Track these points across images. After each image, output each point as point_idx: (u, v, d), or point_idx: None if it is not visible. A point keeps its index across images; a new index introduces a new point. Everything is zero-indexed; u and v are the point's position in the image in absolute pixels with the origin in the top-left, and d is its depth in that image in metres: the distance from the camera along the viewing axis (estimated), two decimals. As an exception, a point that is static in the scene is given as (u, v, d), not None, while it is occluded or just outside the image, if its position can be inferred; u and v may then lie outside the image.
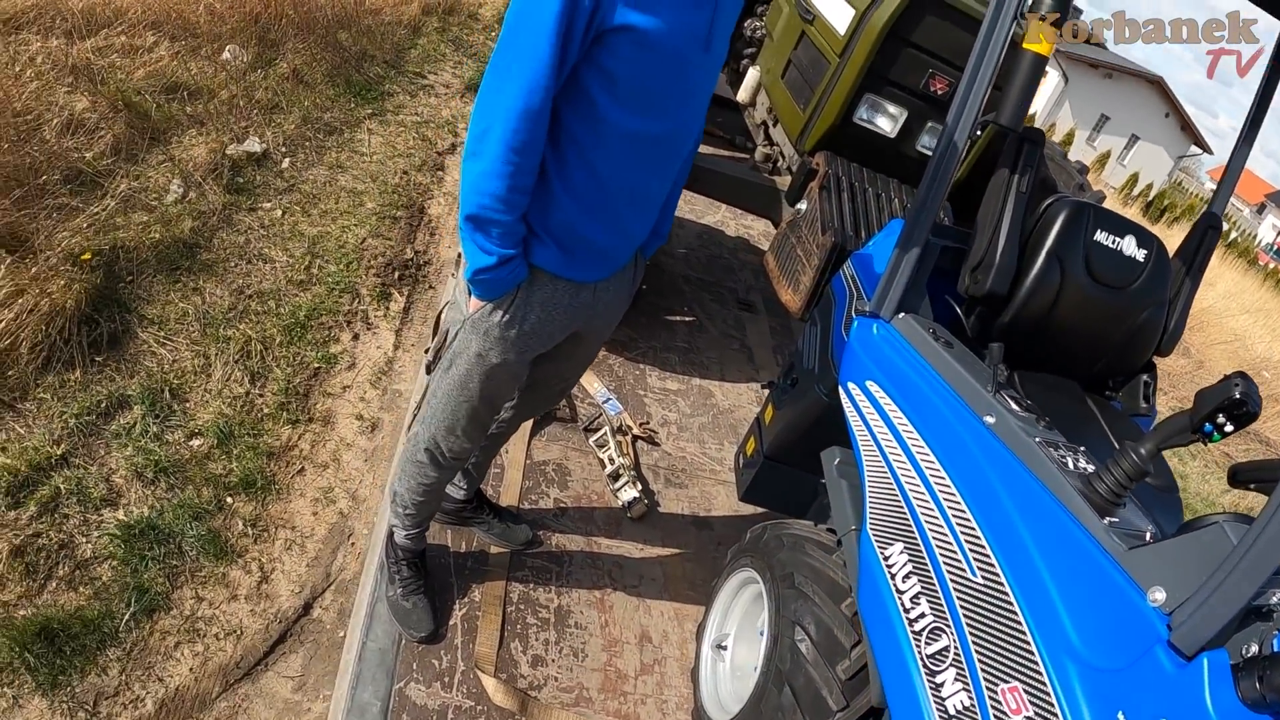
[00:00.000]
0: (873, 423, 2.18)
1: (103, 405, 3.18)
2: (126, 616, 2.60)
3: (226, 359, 3.60)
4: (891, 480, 2.06)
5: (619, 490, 3.20)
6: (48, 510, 2.80)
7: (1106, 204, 3.64)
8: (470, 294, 1.99)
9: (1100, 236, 2.41)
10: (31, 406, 3.09)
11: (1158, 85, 37.31)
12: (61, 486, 2.86)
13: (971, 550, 1.78)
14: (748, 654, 2.58)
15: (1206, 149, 40.84)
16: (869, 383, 2.24)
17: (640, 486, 3.23)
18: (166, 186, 4.26)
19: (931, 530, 1.89)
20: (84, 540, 2.77)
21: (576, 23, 1.62)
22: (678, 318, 4.60)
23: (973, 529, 1.80)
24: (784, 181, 3.91)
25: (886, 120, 3.50)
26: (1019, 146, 2.43)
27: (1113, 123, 37.32)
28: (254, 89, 5.09)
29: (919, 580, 1.89)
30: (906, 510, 1.98)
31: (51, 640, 2.47)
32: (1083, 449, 1.90)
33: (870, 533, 2.07)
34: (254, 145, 4.62)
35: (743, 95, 4.44)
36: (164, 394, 3.32)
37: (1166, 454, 2.53)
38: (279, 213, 4.48)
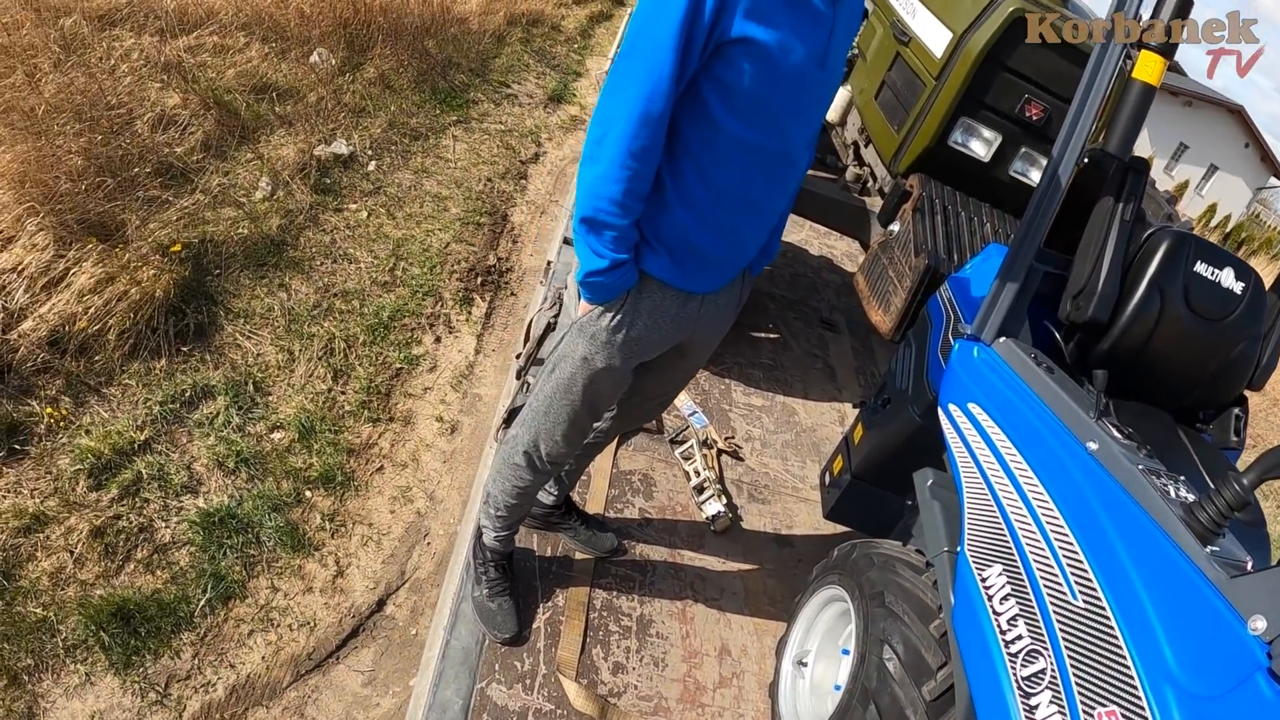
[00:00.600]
0: (974, 444, 2.29)
1: (187, 394, 3.35)
2: (202, 602, 2.75)
3: (310, 355, 3.78)
4: (992, 501, 2.17)
5: (704, 503, 3.34)
6: (129, 494, 2.95)
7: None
8: (580, 297, 2.08)
9: (1200, 268, 2.50)
10: (116, 392, 3.27)
11: (1238, 115, 36.61)
12: (143, 471, 3.02)
13: (1073, 573, 1.89)
14: (828, 672, 2.69)
15: (1287, 181, 39.90)
16: (970, 404, 2.36)
17: (725, 500, 3.37)
18: (255, 184, 4.49)
19: (1032, 552, 2.00)
20: (163, 525, 2.92)
21: (697, 34, 1.73)
22: (763, 334, 4.75)
23: (1075, 552, 1.90)
24: (874, 202, 4.04)
25: (980, 144, 3.62)
26: (1124, 175, 2.53)
27: (1191, 152, 36.63)
28: (342, 92, 5.36)
29: (1017, 602, 2.00)
30: (1006, 532, 2.09)
31: (127, 621, 2.61)
32: (1183, 478, 2.00)
33: (968, 553, 2.18)
34: (341, 147, 4.86)
35: (832, 115, 4.58)
36: (247, 386, 3.50)
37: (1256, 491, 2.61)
38: (364, 214, 4.70)
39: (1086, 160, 2.57)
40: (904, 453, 2.83)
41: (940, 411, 2.50)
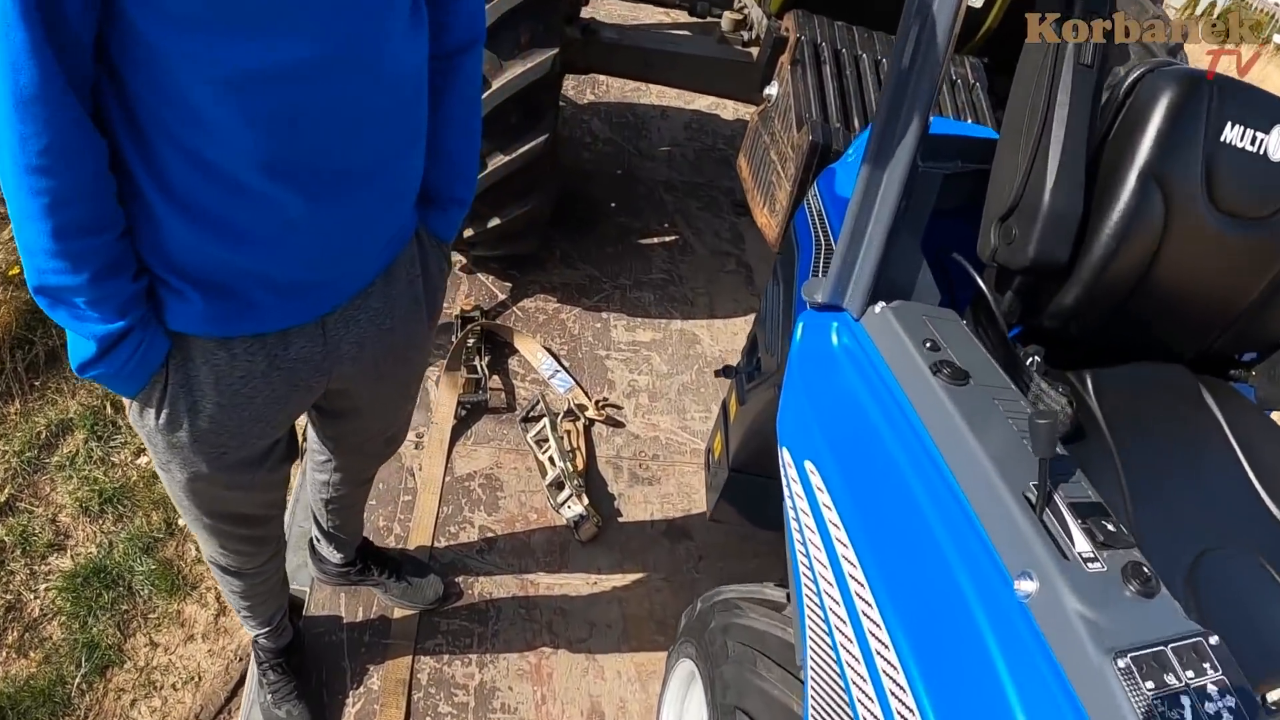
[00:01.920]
0: (815, 557, 1.07)
1: (43, 436, 2.53)
2: (78, 679, 2.09)
3: (170, 352, 2.78)
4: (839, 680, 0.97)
5: (562, 506, 2.13)
6: (-6, 570, 2.19)
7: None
8: None
9: (1232, 134, 1.14)
10: (-22, 453, 2.45)
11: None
12: (6, 539, 2.29)
13: None
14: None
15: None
16: (807, 463, 1.12)
17: (587, 499, 2.14)
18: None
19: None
20: (32, 597, 2.22)
21: None
22: (655, 240, 3.19)
23: None
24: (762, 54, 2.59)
25: (875, -48, 2.13)
26: (1072, -16, 1.15)
27: (1167, -71, 31.11)
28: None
29: None
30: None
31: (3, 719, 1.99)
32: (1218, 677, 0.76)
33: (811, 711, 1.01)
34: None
35: (716, -58, 3.03)
36: (105, 410, 2.61)
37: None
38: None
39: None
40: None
41: (779, 460, 1.27)
